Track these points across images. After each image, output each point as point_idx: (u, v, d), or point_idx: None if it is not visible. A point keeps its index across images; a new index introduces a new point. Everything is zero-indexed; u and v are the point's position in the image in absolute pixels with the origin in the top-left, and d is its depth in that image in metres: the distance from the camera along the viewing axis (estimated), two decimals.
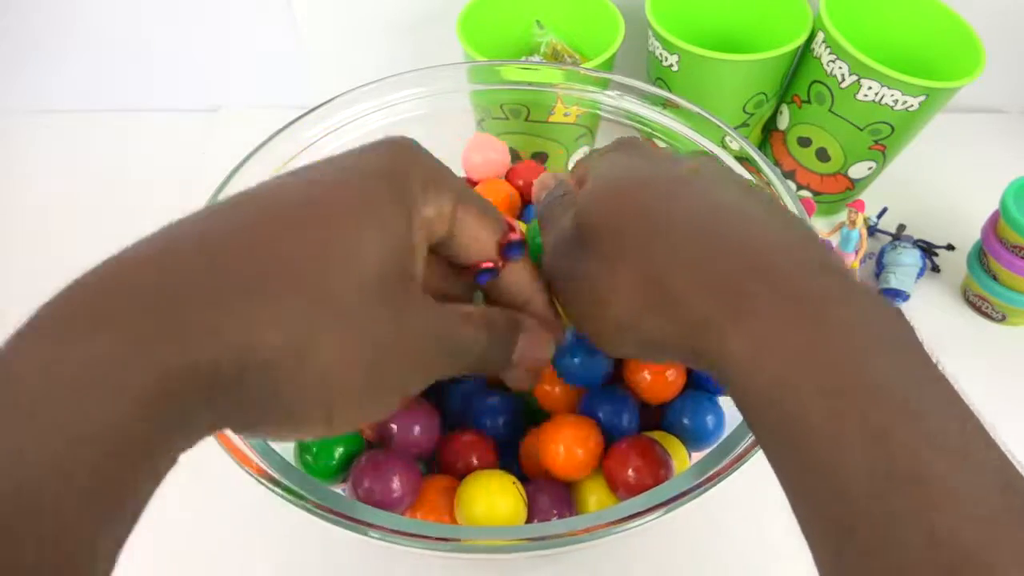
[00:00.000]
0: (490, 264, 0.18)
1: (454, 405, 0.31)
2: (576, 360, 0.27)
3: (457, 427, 0.29)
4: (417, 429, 0.28)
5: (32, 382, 0.09)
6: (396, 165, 0.16)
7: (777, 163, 0.46)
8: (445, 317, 0.16)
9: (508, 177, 0.37)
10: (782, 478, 0.14)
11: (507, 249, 0.18)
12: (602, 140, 0.44)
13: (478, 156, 0.36)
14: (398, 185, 0.15)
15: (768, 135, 0.46)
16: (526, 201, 0.36)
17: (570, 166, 0.42)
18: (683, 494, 0.21)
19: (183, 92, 0.52)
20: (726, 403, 0.28)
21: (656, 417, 0.29)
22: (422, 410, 0.29)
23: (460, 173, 0.38)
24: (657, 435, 0.27)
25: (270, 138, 0.31)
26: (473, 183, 0.37)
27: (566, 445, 0.25)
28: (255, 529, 0.34)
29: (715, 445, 0.23)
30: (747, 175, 0.31)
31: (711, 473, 0.21)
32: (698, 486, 0.21)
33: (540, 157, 0.42)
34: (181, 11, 0.48)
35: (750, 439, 0.22)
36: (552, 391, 0.28)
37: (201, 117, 0.51)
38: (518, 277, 0.19)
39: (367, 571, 0.33)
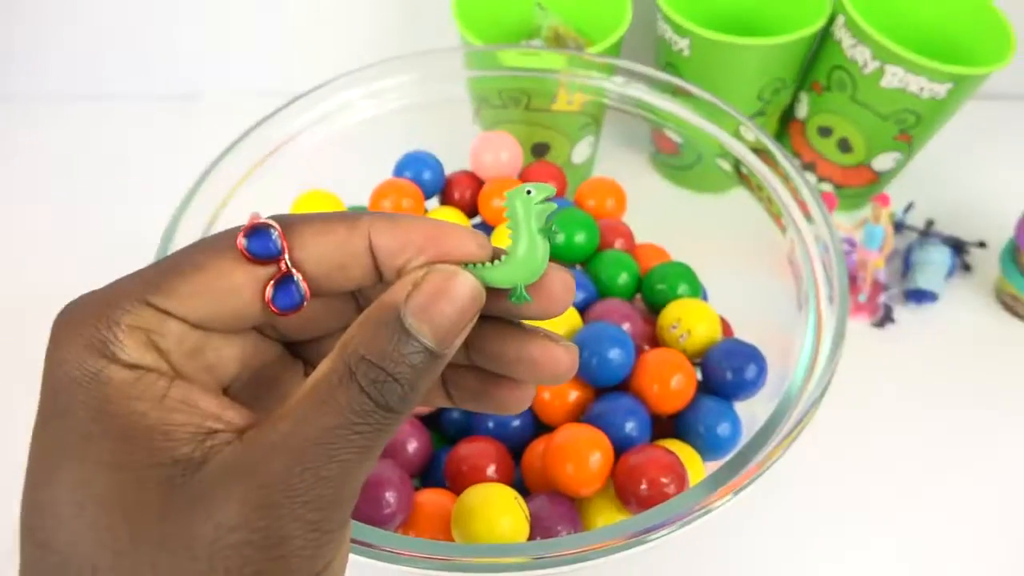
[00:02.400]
0: (284, 272, 0.14)
1: (453, 412, 0.31)
2: (593, 359, 0.27)
3: (460, 435, 0.29)
4: (412, 447, 0.28)
5: None
6: (54, 388, 0.12)
7: (796, 154, 0.46)
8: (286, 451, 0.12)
9: (522, 178, 0.37)
10: None
11: (277, 293, 0.14)
12: (608, 130, 0.44)
13: (488, 155, 0.36)
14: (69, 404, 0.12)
15: (786, 125, 0.46)
16: None
17: (574, 158, 0.42)
18: (699, 507, 0.21)
19: (160, 78, 0.52)
20: (743, 409, 0.28)
21: (668, 425, 0.29)
22: (412, 427, 0.29)
23: (465, 167, 0.38)
24: (670, 444, 0.27)
25: (252, 128, 0.31)
26: (480, 183, 0.37)
27: (574, 457, 0.25)
28: None
29: (732, 454, 0.23)
30: (765, 169, 0.31)
31: (729, 484, 0.21)
32: (715, 498, 0.21)
33: (542, 148, 0.42)
34: None
35: (770, 446, 0.22)
36: (551, 401, 0.29)
37: (179, 104, 0.51)
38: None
39: None
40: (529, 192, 0.14)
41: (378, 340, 0.13)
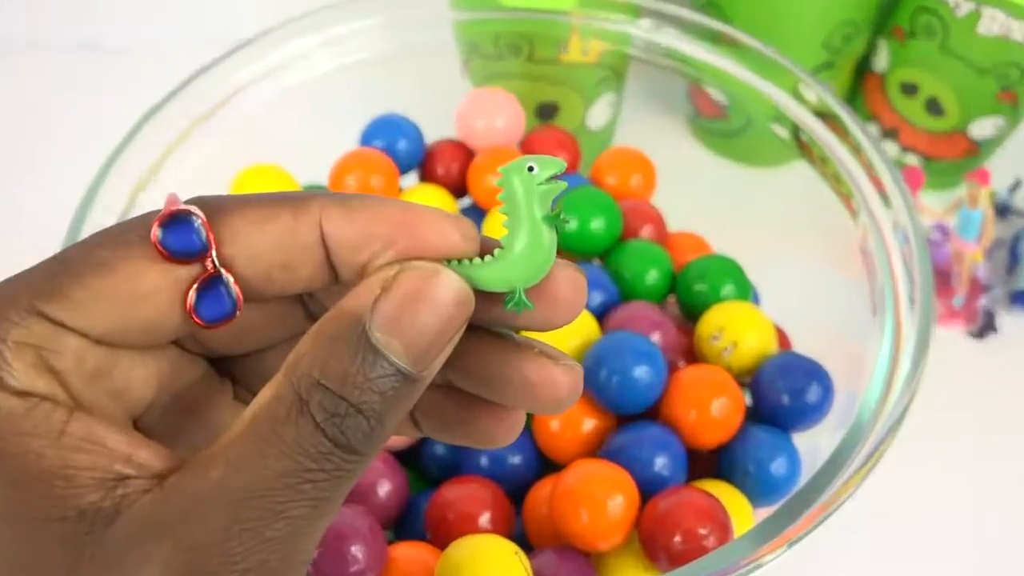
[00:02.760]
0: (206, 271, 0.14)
1: (437, 446, 0.31)
2: (614, 378, 0.28)
3: (445, 474, 0.30)
4: (384, 490, 0.28)
5: None
6: None
7: (873, 118, 0.47)
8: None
9: (524, 149, 0.38)
10: None
11: (202, 299, 0.14)
12: (633, 87, 0.44)
13: (480, 119, 0.37)
14: None
15: (861, 81, 0.47)
16: None
17: (590, 123, 0.43)
18: (746, 563, 0.22)
19: (68, 22, 0.52)
20: (802, 441, 0.29)
21: (709, 462, 0.30)
22: (385, 465, 0.29)
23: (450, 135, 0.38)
24: (710, 486, 0.28)
25: (182, 85, 0.32)
26: (470, 154, 0.37)
27: (589, 501, 0.26)
28: None
29: (788, 497, 0.23)
30: (831, 137, 0.32)
31: (783, 534, 0.22)
32: (766, 551, 0.22)
33: (548, 110, 0.42)
34: None
35: (835, 486, 0.23)
36: (560, 432, 0.29)
37: (91, 57, 0.51)
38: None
39: None
40: (531, 168, 0.14)
41: (337, 360, 0.13)
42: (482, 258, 0.14)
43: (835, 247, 0.32)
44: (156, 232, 0.14)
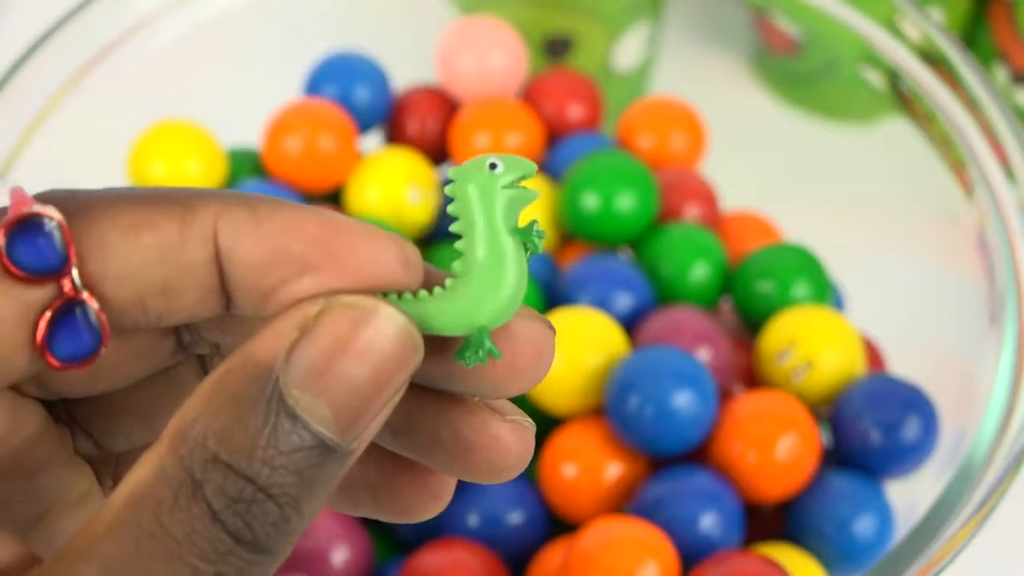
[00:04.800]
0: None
1: None
2: (647, 408, 0.29)
3: (422, 537, 0.31)
4: (341, 558, 0.30)
5: None
6: None
7: (1001, 57, 0.48)
8: None
9: (528, 97, 0.39)
10: None
11: (57, 332, 0.15)
12: (676, 13, 0.46)
13: (468, 58, 0.38)
14: None
15: (983, 8, 0.48)
16: (554, 136, 0.39)
17: (617, 62, 0.44)
18: None
19: None
20: (896, 491, 0.31)
21: (773, 520, 0.31)
22: (340, 525, 0.30)
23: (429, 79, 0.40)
24: (774, 551, 0.30)
25: (66, 17, 0.34)
26: (453, 106, 0.39)
27: (613, 571, 0.27)
28: None
29: (875, 565, 0.25)
30: (939, 88, 0.33)
31: None
32: None
33: (560, 45, 0.44)
34: None
35: (937, 547, 0.25)
36: (576, 481, 0.30)
37: None
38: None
39: None
40: (494, 167, 0.14)
41: (241, 428, 0.13)
42: (429, 291, 0.15)
43: (943, 235, 0.33)
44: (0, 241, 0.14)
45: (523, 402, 0.32)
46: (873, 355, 0.35)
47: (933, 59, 0.34)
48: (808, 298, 0.34)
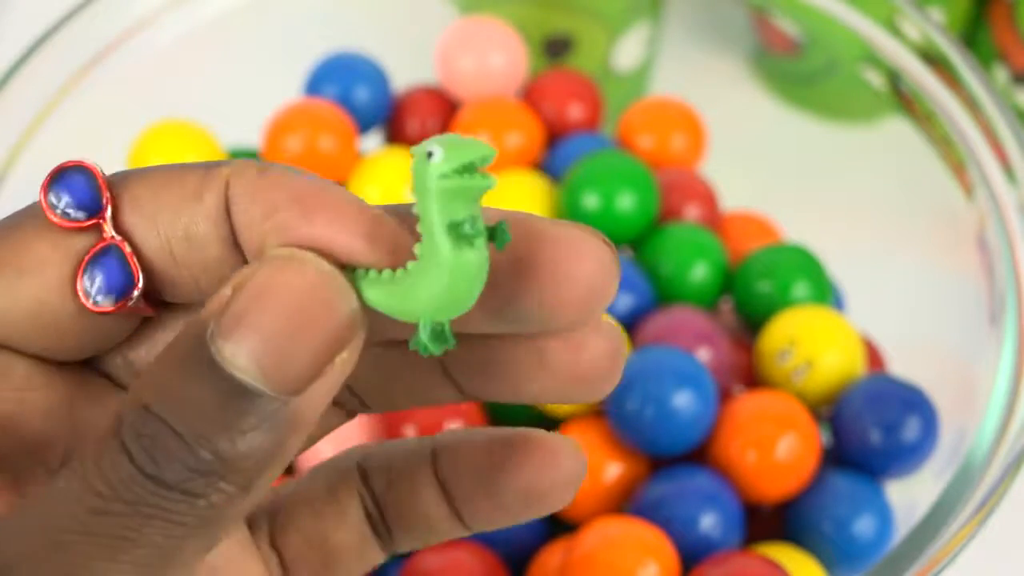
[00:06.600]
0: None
1: None
2: (647, 409, 0.30)
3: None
4: None
5: None
6: None
7: (1001, 57, 0.48)
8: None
9: (528, 97, 0.39)
10: None
11: (90, 271, 0.16)
12: (676, 13, 0.46)
13: (469, 58, 0.38)
14: None
15: (983, 8, 0.48)
16: (553, 136, 0.39)
17: (617, 62, 0.44)
18: None
19: None
20: (896, 491, 0.31)
21: (773, 520, 0.31)
22: None
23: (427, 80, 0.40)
24: (774, 551, 0.30)
25: (66, 17, 0.34)
26: (453, 107, 0.39)
27: (613, 572, 0.28)
28: None
29: (876, 565, 0.25)
30: (939, 88, 0.33)
31: None
32: None
33: (560, 45, 0.44)
34: None
35: (937, 548, 0.25)
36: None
37: None
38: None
39: None
40: (430, 155, 0.14)
41: (164, 376, 0.14)
42: (395, 271, 0.14)
43: (943, 235, 0.33)
44: (43, 189, 0.16)
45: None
46: (873, 355, 0.35)
47: (933, 59, 0.34)
48: (808, 298, 0.34)
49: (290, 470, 0.31)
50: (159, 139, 0.36)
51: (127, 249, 0.16)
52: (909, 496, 0.31)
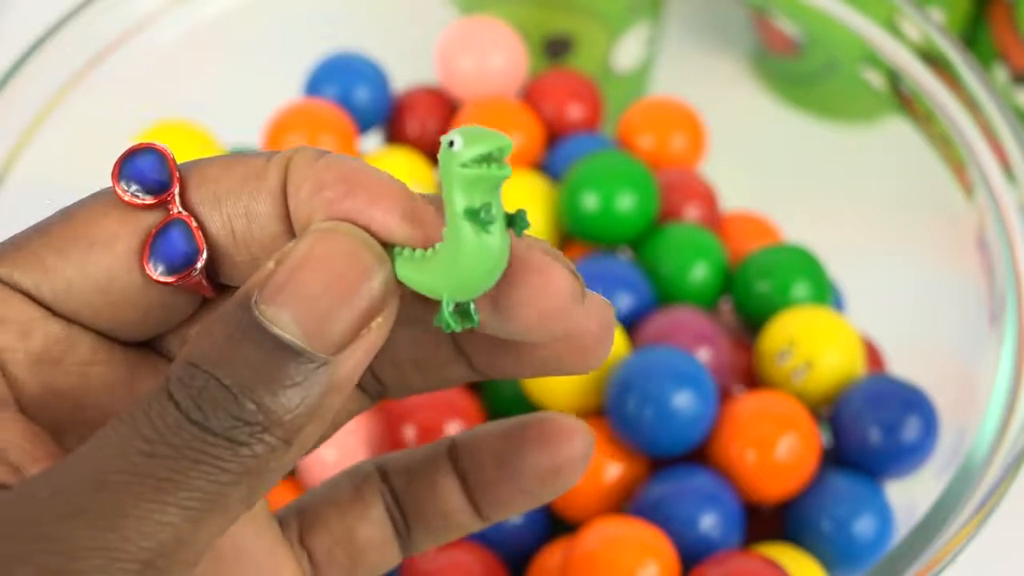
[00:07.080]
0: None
1: None
2: (647, 409, 0.30)
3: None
4: None
5: None
6: None
7: (1001, 57, 0.48)
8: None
9: (528, 97, 0.39)
10: None
11: (155, 244, 0.17)
12: (676, 14, 0.46)
13: (468, 58, 0.38)
14: None
15: (983, 8, 0.48)
16: (554, 136, 0.39)
17: (617, 62, 0.44)
18: None
19: None
20: (895, 492, 0.31)
21: (773, 520, 0.32)
22: None
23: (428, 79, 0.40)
24: (774, 551, 0.30)
25: (67, 17, 0.34)
26: (453, 107, 0.39)
27: (613, 572, 0.28)
28: None
29: (875, 565, 0.25)
30: (939, 88, 0.34)
31: None
32: None
33: (560, 45, 0.44)
34: None
35: (936, 549, 0.25)
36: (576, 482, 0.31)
37: None
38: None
39: None
40: (452, 144, 0.14)
41: (210, 338, 0.15)
42: (428, 250, 0.15)
43: (943, 235, 0.33)
44: (115, 168, 0.17)
45: (525, 403, 0.33)
46: (873, 355, 0.35)
47: (933, 59, 0.34)
48: (808, 298, 0.34)
49: (292, 474, 0.31)
50: (159, 139, 0.35)
51: (193, 224, 0.17)
52: (909, 496, 0.31)
